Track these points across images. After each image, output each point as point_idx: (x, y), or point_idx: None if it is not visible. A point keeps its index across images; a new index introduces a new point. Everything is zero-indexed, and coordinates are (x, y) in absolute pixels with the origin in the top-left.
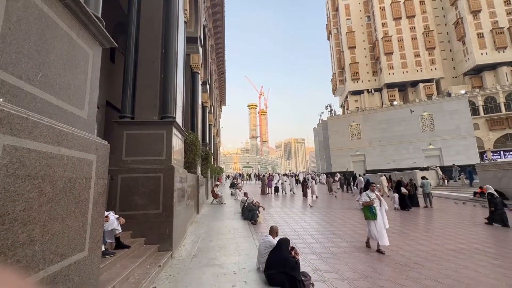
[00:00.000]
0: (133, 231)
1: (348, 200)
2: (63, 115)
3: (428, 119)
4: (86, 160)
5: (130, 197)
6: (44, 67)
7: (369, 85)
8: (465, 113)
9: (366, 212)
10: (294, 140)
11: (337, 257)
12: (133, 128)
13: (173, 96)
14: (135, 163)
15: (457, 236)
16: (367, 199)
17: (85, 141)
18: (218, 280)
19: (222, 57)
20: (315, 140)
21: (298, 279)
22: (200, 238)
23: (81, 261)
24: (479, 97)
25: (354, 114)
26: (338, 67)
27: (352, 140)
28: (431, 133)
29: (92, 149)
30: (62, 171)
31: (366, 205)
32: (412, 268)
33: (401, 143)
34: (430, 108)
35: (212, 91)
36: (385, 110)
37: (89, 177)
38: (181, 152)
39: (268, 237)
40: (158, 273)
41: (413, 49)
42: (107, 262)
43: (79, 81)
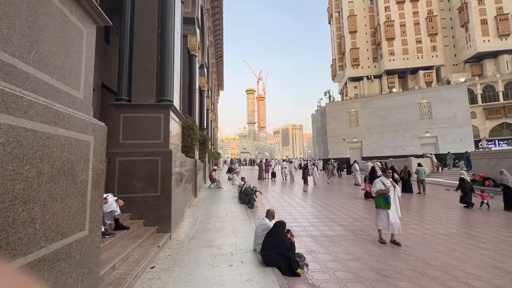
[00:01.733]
0: (132, 213)
1: (345, 186)
2: (58, 95)
3: (426, 106)
4: (83, 142)
5: (128, 180)
6: (37, 44)
7: (369, 71)
8: (463, 101)
9: (379, 201)
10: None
11: (331, 240)
12: (130, 111)
13: (170, 79)
14: (133, 146)
15: (447, 221)
16: (381, 186)
17: (82, 122)
18: (216, 260)
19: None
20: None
21: (293, 259)
22: (198, 220)
23: (81, 240)
24: (478, 85)
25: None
26: (338, 53)
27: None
28: (428, 121)
29: (89, 131)
30: (60, 151)
31: (380, 194)
32: (403, 251)
33: (398, 131)
34: (429, 95)
35: (210, 75)
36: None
37: (87, 159)
38: (178, 136)
39: (265, 220)
40: (157, 253)
41: (415, 35)
42: (107, 242)
43: (74, 60)
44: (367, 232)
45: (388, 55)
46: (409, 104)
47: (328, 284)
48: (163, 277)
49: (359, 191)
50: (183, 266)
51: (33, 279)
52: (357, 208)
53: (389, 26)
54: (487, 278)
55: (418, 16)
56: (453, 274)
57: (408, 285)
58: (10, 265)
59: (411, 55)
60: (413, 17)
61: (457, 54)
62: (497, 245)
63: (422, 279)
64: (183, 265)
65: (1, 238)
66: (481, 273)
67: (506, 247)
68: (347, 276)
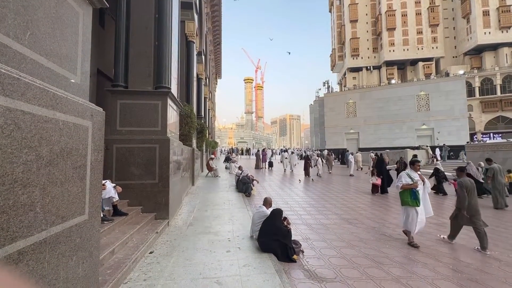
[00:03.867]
0: (130, 200)
1: (340, 176)
2: (55, 78)
3: (424, 99)
4: (81, 126)
5: (126, 167)
6: (32, 25)
7: (368, 62)
8: (461, 94)
9: (405, 197)
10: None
11: (327, 228)
12: (127, 97)
13: (168, 65)
14: (130, 133)
15: (439, 211)
16: (408, 180)
17: (80, 107)
18: (213, 246)
19: (218, 26)
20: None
21: (289, 246)
22: (195, 208)
23: (81, 224)
24: (476, 78)
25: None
26: (338, 42)
27: (347, 118)
28: (425, 113)
29: (87, 115)
30: (58, 135)
31: (407, 189)
32: (396, 239)
33: (395, 122)
34: (427, 87)
35: (208, 63)
36: (382, 89)
37: (86, 143)
38: (176, 124)
39: (262, 207)
40: (156, 239)
41: (416, 26)
42: (106, 228)
43: (70, 43)
44: (362, 220)
45: (389, 46)
46: (407, 96)
47: (323, 270)
48: (161, 261)
49: (353, 181)
50: (182, 251)
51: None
52: (352, 197)
53: (390, 16)
54: (476, 265)
55: (420, 6)
56: (443, 261)
57: (400, 271)
58: (12, 247)
59: (412, 46)
60: (415, 7)
61: (457, 46)
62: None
63: (413, 265)
64: (181, 251)
65: (2, 220)
66: (470, 260)
67: (494, 236)
68: (342, 262)
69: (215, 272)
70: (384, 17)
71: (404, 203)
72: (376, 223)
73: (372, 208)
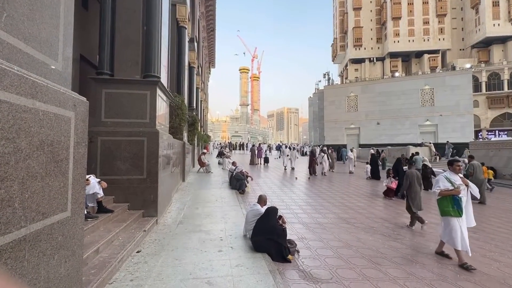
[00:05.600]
0: (116, 196)
1: (338, 174)
2: (34, 65)
3: (429, 93)
4: (63, 117)
5: (111, 161)
6: (8, 6)
7: (371, 53)
8: (467, 89)
9: (445, 206)
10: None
11: (324, 227)
12: (113, 86)
13: (157, 52)
14: (116, 125)
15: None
16: (447, 185)
17: (62, 96)
18: (205, 245)
19: (212, 11)
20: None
21: (284, 245)
22: (186, 205)
23: (64, 221)
24: (483, 72)
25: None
26: (340, 31)
27: (348, 112)
28: (430, 109)
29: (69, 105)
30: (38, 127)
31: (446, 195)
32: (395, 239)
33: (398, 118)
34: (432, 81)
35: (200, 50)
36: (385, 82)
37: (68, 135)
38: (166, 116)
39: (257, 205)
40: (143, 238)
41: (423, 15)
42: (90, 225)
43: (51, 26)
44: (360, 220)
45: (393, 36)
46: (411, 90)
47: (319, 270)
48: (149, 261)
49: (353, 179)
50: (171, 250)
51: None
52: (351, 196)
53: (396, 4)
54: (476, 266)
55: None
56: (442, 262)
57: (397, 272)
58: None
59: (417, 37)
60: None
61: (464, 38)
62: (487, 235)
63: (411, 266)
64: (170, 250)
65: None
66: (471, 261)
67: (495, 237)
68: (338, 263)
69: (206, 273)
70: (389, 5)
71: (444, 213)
72: (375, 223)
73: (371, 207)
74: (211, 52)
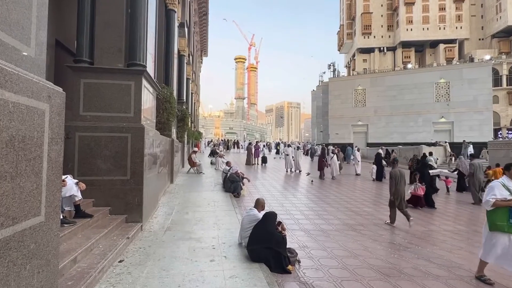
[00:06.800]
0: (95, 199)
1: (344, 176)
2: (3, 50)
3: (444, 87)
4: (36, 110)
5: (91, 160)
6: None
7: (381, 42)
8: (486, 83)
9: (498, 219)
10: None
11: (327, 234)
12: (93, 76)
13: (143, 38)
14: (96, 119)
15: (457, 216)
16: (504, 194)
17: (35, 86)
18: (195, 254)
19: None
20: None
21: (283, 255)
22: (174, 210)
23: (36, 226)
24: (504, 65)
25: (361, 77)
26: (347, 17)
27: (355, 108)
28: (445, 104)
29: (43, 97)
30: (7, 120)
31: (503, 206)
32: (405, 248)
33: (410, 114)
34: (448, 74)
35: (192, 37)
36: (397, 74)
37: (42, 131)
38: (152, 109)
39: (253, 210)
40: (127, 245)
41: (439, 0)
42: (66, 232)
43: (22, 6)
44: (368, 227)
45: (406, 23)
46: (425, 84)
47: (322, 282)
48: (133, 272)
49: (358, 181)
50: (157, 260)
51: None
52: (357, 200)
53: None
54: (493, 278)
55: None
56: (457, 274)
57: (409, 284)
58: None
59: (432, 24)
60: None
61: (484, 27)
62: None
63: (424, 278)
64: (157, 259)
65: None
66: (487, 272)
67: None
68: (343, 274)
69: (197, 285)
70: None
71: (497, 227)
72: (384, 230)
73: (379, 213)
74: (203, 39)
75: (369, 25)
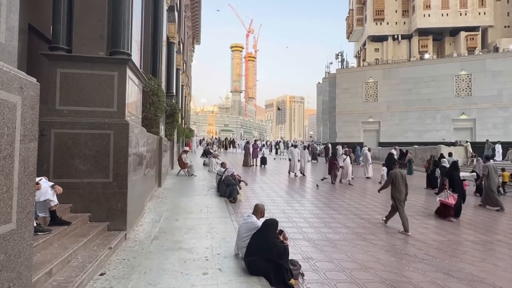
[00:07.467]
0: (73, 204)
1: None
2: None
3: (466, 80)
4: (7, 103)
5: (68, 160)
6: None
7: (396, 29)
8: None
9: None
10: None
11: (334, 244)
12: (71, 65)
13: (127, 23)
14: (75, 114)
15: (478, 224)
16: None
17: (5, 76)
18: (186, 266)
19: None
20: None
21: (285, 267)
22: (162, 216)
23: (7, 235)
24: None
25: (372, 68)
26: (357, 1)
27: (366, 103)
28: (466, 99)
29: (14, 88)
30: None
31: None
32: (422, 260)
33: (427, 110)
34: (470, 66)
35: (182, 22)
36: (412, 65)
37: (13, 127)
38: (138, 104)
39: (252, 217)
40: (109, 256)
41: None
42: (40, 241)
43: None
44: (379, 236)
45: (423, 8)
46: (444, 76)
47: None
48: (116, 286)
49: (369, 184)
50: (143, 273)
51: None
52: (368, 207)
53: None
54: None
55: None
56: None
57: None
58: None
59: (453, 10)
60: None
61: (510, 13)
62: None
63: None
64: (142, 272)
65: None
66: None
67: None
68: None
69: None
70: None
71: None
72: (398, 240)
73: (392, 220)
74: (196, 25)
75: (382, 9)
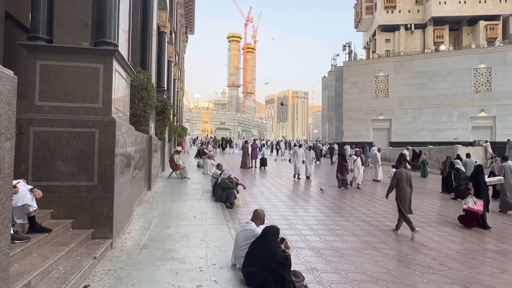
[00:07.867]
0: (54, 209)
1: None
2: None
3: (485, 74)
4: None
5: (49, 161)
6: None
7: (408, 18)
8: None
9: None
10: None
11: (341, 254)
12: (52, 57)
13: (114, 10)
14: (56, 111)
15: (499, 232)
16: None
17: None
18: (178, 278)
19: None
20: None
21: (287, 279)
22: (152, 223)
23: None
24: None
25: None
26: None
27: (376, 98)
28: (486, 95)
29: None
30: None
31: None
32: (437, 271)
33: (442, 107)
34: (490, 58)
35: (174, 9)
36: (427, 57)
37: None
38: (125, 99)
39: (250, 224)
40: (93, 267)
41: None
42: (18, 250)
43: None
44: (390, 245)
45: None
46: (462, 70)
47: None
48: None
49: (378, 188)
50: (131, 285)
51: None
52: (378, 213)
53: None
54: None
55: None
56: None
57: None
58: None
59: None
60: None
61: None
62: None
63: None
64: (130, 284)
65: None
66: None
67: None
68: None
69: None
70: None
71: None
72: (410, 249)
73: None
74: (189, 12)
75: None
